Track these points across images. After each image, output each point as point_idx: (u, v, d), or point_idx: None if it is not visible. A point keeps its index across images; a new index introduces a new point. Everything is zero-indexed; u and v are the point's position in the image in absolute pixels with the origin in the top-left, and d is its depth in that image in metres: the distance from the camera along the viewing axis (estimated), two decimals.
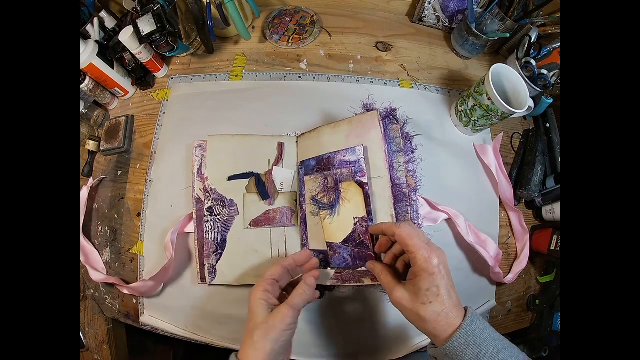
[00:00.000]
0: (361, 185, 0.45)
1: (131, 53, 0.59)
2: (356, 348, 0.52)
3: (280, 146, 0.54)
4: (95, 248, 0.57)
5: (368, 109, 0.50)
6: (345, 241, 0.46)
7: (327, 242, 0.47)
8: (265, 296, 0.38)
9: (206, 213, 0.51)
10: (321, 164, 0.50)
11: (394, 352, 0.52)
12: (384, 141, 0.47)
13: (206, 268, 0.50)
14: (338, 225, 0.46)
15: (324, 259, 0.48)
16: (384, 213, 0.45)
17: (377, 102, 0.50)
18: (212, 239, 0.51)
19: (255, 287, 0.39)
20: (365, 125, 0.48)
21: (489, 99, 0.52)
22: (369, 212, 0.44)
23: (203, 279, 0.50)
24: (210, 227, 0.51)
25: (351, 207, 0.46)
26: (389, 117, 0.49)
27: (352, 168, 0.46)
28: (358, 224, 0.45)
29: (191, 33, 0.67)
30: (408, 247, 0.35)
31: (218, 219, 0.51)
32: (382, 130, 0.47)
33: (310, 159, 0.51)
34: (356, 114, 0.51)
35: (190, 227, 0.53)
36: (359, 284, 0.45)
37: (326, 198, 0.48)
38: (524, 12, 0.62)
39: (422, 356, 0.52)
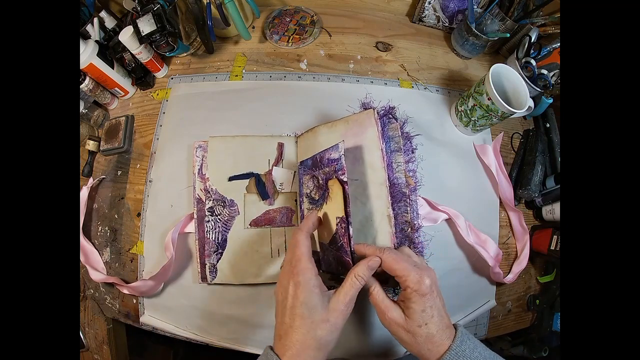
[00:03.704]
0: (342, 183, 0.41)
1: (131, 53, 0.59)
2: (355, 348, 0.52)
3: (280, 146, 0.54)
4: (95, 248, 0.57)
5: (366, 107, 0.49)
6: (331, 242, 0.42)
7: (319, 242, 0.45)
8: (318, 282, 0.34)
9: (207, 213, 0.51)
10: (315, 163, 0.49)
11: (392, 352, 0.52)
12: (381, 140, 0.46)
13: (207, 267, 0.50)
14: (325, 225, 0.44)
15: (318, 260, 0.48)
16: (380, 214, 0.44)
17: (375, 101, 0.49)
18: (213, 238, 0.51)
19: (302, 270, 0.33)
20: (362, 124, 0.47)
21: (489, 99, 0.52)
22: (348, 214, 0.40)
23: (204, 278, 0.50)
24: (211, 227, 0.51)
25: (334, 206, 0.42)
26: (387, 115, 0.49)
27: (335, 166, 0.44)
28: (339, 224, 0.41)
29: (191, 33, 0.67)
30: (396, 272, 0.34)
31: (219, 219, 0.51)
32: (380, 129, 0.46)
33: (308, 158, 0.51)
34: (354, 113, 0.51)
35: (191, 227, 0.53)
36: None
37: (317, 195, 0.46)
38: (524, 12, 0.62)
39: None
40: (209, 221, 0.51)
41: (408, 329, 0.33)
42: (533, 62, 0.59)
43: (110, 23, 0.63)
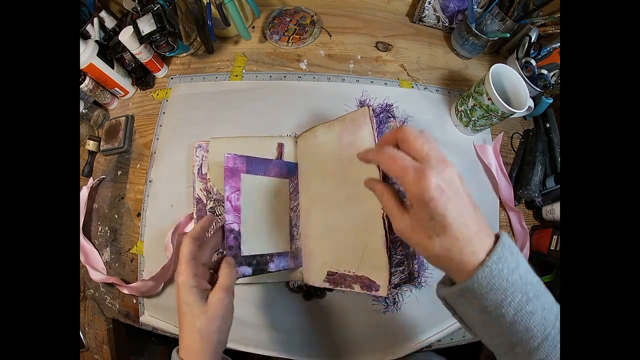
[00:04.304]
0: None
1: (131, 53, 0.59)
2: (355, 348, 0.52)
3: (280, 147, 0.54)
4: (95, 248, 0.57)
5: (363, 105, 0.49)
6: None
7: None
8: (196, 282, 0.35)
9: (208, 213, 0.52)
10: None
11: (392, 352, 0.52)
12: (376, 138, 0.44)
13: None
14: None
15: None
16: (373, 214, 0.42)
17: (372, 98, 0.49)
18: None
19: (180, 272, 0.35)
20: (356, 122, 0.46)
21: (489, 99, 0.52)
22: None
23: None
24: (212, 227, 0.51)
25: None
26: (384, 112, 0.48)
27: None
28: None
29: (191, 33, 0.67)
30: (394, 174, 0.27)
31: (220, 219, 0.51)
32: (375, 126, 0.45)
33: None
34: (346, 110, 0.51)
35: (191, 227, 0.53)
36: (349, 289, 0.44)
37: None
38: (524, 12, 0.62)
39: (423, 356, 0.52)
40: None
41: (418, 242, 0.28)
42: (533, 62, 0.59)
43: (110, 23, 0.63)
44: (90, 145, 0.60)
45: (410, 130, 0.28)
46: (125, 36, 0.56)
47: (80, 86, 0.58)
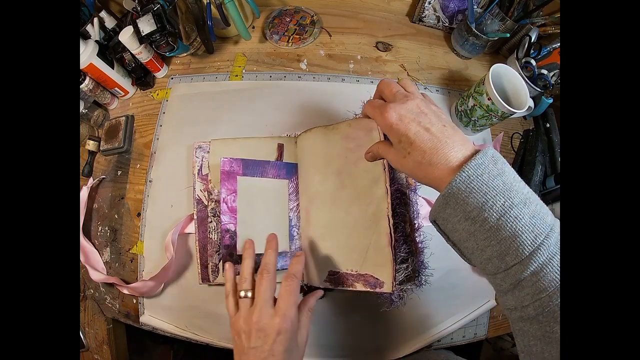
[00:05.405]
0: None
1: (131, 53, 0.59)
2: (360, 347, 0.52)
3: (280, 147, 0.54)
4: (95, 248, 0.57)
5: None
6: None
7: None
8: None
9: (209, 214, 0.52)
10: None
11: (398, 350, 0.52)
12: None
13: (209, 267, 0.50)
14: None
15: None
16: (379, 213, 0.43)
17: None
18: (216, 238, 0.51)
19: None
20: (364, 127, 0.47)
21: (489, 99, 0.52)
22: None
23: (204, 279, 0.50)
24: (213, 227, 0.51)
25: None
26: None
27: None
28: None
29: (191, 33, 0.67)
30: (371, 116, 0.34)
31: (220, 219, 0.51)
32: (382, 132, 0.45)
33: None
34: (356, 115, 0.51)
35: (191, 228, 0.53)
36: (350, 288, 0.44)
37: None
38: (524, 12, 0.62)
39: (428, 353, 0.52)
40: (211, 222, 0.51)
41: (402, 163, 0.32)
42: (533, 62, 0.59)
43: (110, 23, 0.63)
44: (90, 145, 0.60)
45: (384, 81, 0.35)
46: (125, 36, 0.56)
47: (80, 86, 0.58)
